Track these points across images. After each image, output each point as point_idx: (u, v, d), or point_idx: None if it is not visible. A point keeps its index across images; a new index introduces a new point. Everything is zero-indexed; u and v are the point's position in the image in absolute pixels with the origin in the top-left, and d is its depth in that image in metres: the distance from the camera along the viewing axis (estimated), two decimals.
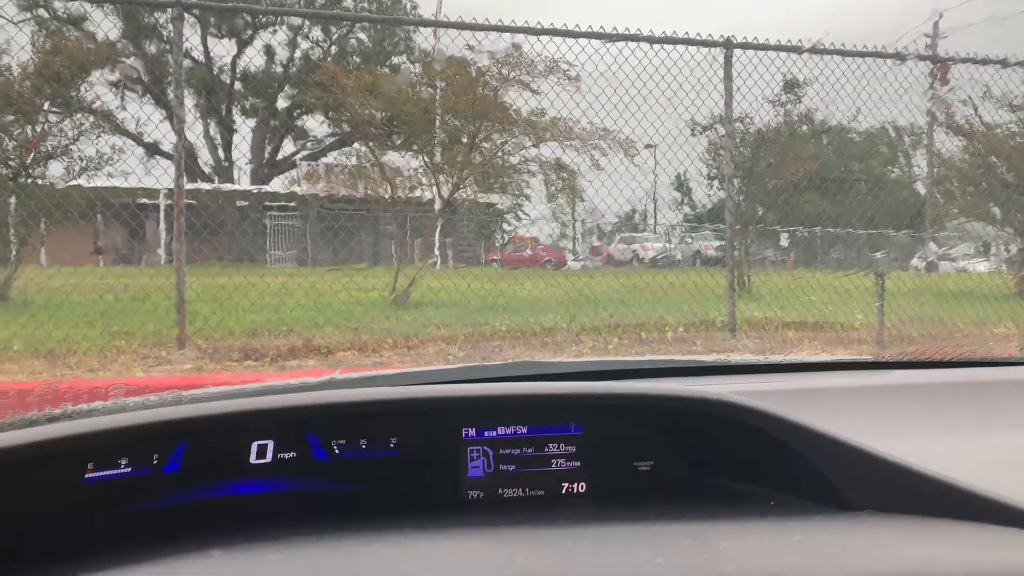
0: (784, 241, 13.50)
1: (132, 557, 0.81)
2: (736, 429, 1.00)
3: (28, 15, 21.22)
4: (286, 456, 0.99)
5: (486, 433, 1.04)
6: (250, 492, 0.97)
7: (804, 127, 10.28)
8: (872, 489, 0.91)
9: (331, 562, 0.81)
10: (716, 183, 10.91)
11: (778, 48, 7.99)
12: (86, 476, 0.89)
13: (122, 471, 0.91)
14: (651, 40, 7.62)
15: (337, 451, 1.00)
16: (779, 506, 0.96)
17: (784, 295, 8.57)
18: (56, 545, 0.85)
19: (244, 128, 29.33)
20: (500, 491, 1.03)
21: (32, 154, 7.86)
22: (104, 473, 0.90)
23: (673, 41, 7.64)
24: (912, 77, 8.69)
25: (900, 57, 8.37)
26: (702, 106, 8.20)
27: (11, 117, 7.78)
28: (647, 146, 9.08)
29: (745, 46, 7.80)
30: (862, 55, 8.21)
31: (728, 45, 7.67)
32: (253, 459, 0.97)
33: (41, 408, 1.05)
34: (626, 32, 7.51)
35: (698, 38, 7.63)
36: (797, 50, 8.03)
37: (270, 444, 0.98)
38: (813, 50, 8.06)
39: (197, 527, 0.90)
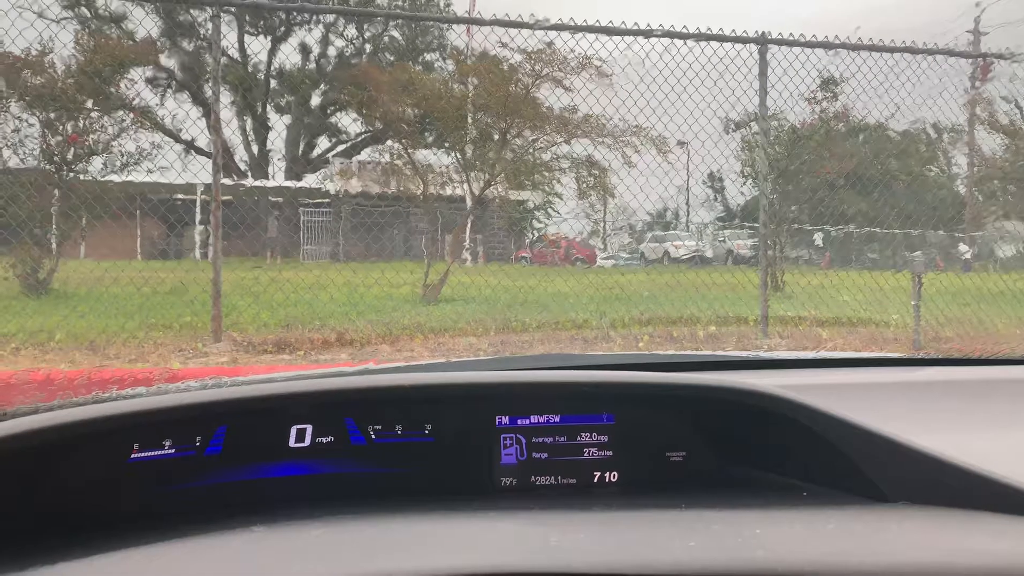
0: (819, 240, 13.31)
1: (177, 532, 0.83)
2: (772, 421, 1.00)
3: (70, 13, 21.63)
4: (324, 440, 1.01)
5: (519, 421, 1.05)
6: (289, 475, 1.00)
7: (840, 125, 10.12)
8: (907, 481, 0.91)
9: (368, 538, 0.83)
10: (750, 181, 10.78)
11: (813, 44, 7.87)
12: (132, 456, 0.92)
13: (166, 452, 0.94)
14: (685, 36, 7.56)
15: (374, 436, 1.02)
16: (813, 497, 0.96)
17: (818, 294, 8.46)
18: (103, 520, 0.88)
19: (279, 125, 29.63)
20: (532, 479, 1.04)
21: (72, 149, 8.02)
22: (149, 454, 0.93)
23: (707, 37, 7.57)
24: (952, 73, 8.53)
25: (938, 53, 8.22)
26: (736, 103, 8.13)
27: (54, 114, 7.94)
28: (679, 143, 9.00)
29: (780, 42, 7.69)
30: (899, 51, 8.08)
31: (763, 41, 7.57)
32: (292, 443, 1.00)
33: (88, 392, 1.08)
34: (660, 29, 7.46)
35: (733, 34, 7.56)
36: (833, 46, 7.90)
37: (309, 428, 1.00)
38: (848, 46, 7.93)
39: (239, 507, 0.92)
